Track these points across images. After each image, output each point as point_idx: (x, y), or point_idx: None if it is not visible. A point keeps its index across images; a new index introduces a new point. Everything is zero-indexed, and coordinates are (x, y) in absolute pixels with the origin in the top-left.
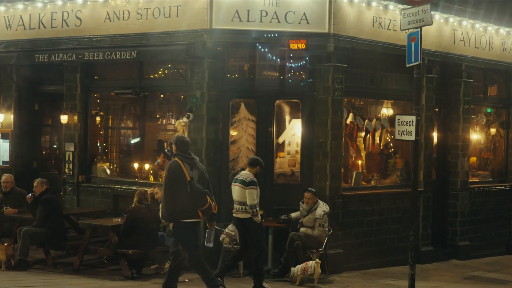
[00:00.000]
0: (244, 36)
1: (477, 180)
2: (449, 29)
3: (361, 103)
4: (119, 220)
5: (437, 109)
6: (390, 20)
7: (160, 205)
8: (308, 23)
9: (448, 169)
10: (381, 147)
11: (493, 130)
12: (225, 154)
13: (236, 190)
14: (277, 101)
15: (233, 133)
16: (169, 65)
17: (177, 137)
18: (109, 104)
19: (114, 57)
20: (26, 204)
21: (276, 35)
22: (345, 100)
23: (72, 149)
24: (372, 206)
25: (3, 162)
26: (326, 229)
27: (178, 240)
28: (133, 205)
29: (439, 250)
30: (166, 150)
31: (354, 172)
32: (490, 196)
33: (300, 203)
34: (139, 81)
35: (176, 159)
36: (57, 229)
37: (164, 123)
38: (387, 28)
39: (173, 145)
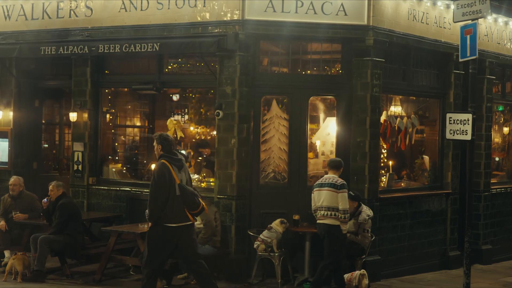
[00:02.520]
0: (278, 28)
1: (495, 181)
2: None
3: (394, 100)
4: (146, 226)
5: None
6: (423, 13)
7: (147, 208)
8: (346, 14)
9: (470, 170)
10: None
11: (506, 129)
12: (256, 154)
13: (324, 194)
14: (311, 98)
15: (264, 132)
16: (193, 59)
17: (160, 135)
18: (121, 101)
19: (134, 50)
20: (41, 209)
21: (312, 27)
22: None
23: (81, 149)
24: (405, 209)
25: (2, 163)
26: (369, 235)
27: (149, 241)
28: None
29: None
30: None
31: (387, 174)
32: (509, 197)
33: None
34: (158, 76)
35: (163, 161)
36: (76, 236)
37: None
38: (420, 21)
39: (155, 145)
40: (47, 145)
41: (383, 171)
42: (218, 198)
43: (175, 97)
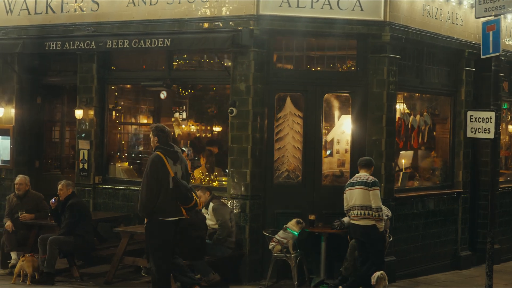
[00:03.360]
0: (293, 24)
1: (503, 180)
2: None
3: (407, 98)
4: None
5: None
6: (437, 8)
7: (139, 200)
8: (362, 10)
9: (479, 168)
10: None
11: (511, 127)
12: (270, 153)
13: (356, 193)
14: (326, 95)
15: (278, 130)
16: (204, 55)
17: (156, 126)
18: (125, 98)
19: (143, 46)
20: (49, 209)
21: (328, 23)
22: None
23: (87, 147)
24: (418, 209)
25: (3, 161)
26: (388, 235)
27: (149, 241)
28: None
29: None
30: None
31: (401, 173)
32: None
33: None
34: (168, 72)
35: (158, 152)
36: (86, 237)
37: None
38: (434, 17)
39: (152, 137)
40: (51, 143)
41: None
42: (232, 197)
43: (162, 95)
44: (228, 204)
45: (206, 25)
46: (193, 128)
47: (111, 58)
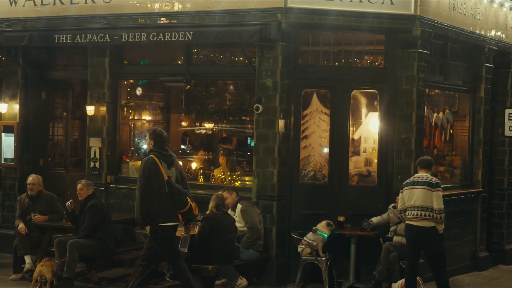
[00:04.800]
0: (322, 17)
1: None
2: (502, 13)
3: (431, 95)
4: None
5: None
6: (461, 2)
7: (135, 206)
8: (392, 3)
9: (493, 167)
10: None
11: None
12: (296, 151)
13: (418, 194)
14: (353, 92)
15: (304, 127)
16: (226, 49)
17: (153, 130)
18: (135, 94)
19: (163, 39)
20: (66, 212)
21: (357, 16)
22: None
23: (98, 145)
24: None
25: (6, 159)
26: None
27: (158, 247)
28: (208, 211)
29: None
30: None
31: None
32: None
33: (391, 207)
34: (187, 67)
35: (152, 156)
36: (107, 240)
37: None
38: (459, 12)
39: (148, 140)
40: (58, 140)
41: None
42: (257, 198)
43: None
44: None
45: (229, 18)
46: (208, 126)
47: (123, 52)
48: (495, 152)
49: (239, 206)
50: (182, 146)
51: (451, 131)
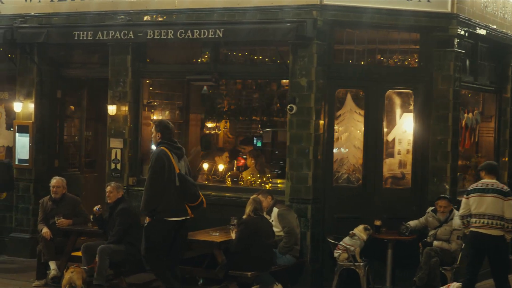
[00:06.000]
0: (357, 15)
1: None
2: None
3: (462, 95)
4: (217, 234)
5: None
6: (493, 1)
7: (142, 197)
8: (428, 1)
9: None
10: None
11: None
12: (329, 153)
13: (489, 201)
14: (387, 92)
15: (338, 128)
16: (256, 47)
17: (160, 122)
18: (153, 93)
19: (191, 36)
20: (94, 217)
21: (393, 14)
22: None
23: (120, 145)
24: None
25: (21, 160)
26: (461, 242)
27: (146, 238)
28: (245, 216)
29: None
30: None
31: (458, 174)
32: None
33: (430, 211)
34: (214, 65)
35: (163, 148)
36: (137, 245)
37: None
38: (490, 11)
39: (154, 132)
40: (70, 140)
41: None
42: (290, 201)
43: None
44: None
45: (260, 15)
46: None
47: (145, 49)
48: None
49: (275, 210)
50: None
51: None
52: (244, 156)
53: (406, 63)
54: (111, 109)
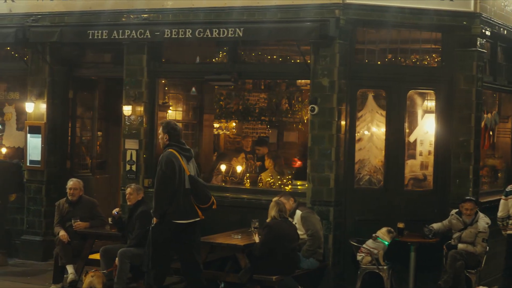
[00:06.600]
0: (380, 14)
1: None
2: None
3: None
4: (239, 237)
5: None
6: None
7: (153, 201)
8: (451, 0)
9: None
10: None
11: None
12: (351, 155)
13: None
14: (409, 92)
15: (359, 129)
16: (275, 47)
17: (167, 123)
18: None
19: (210, 35)
20: (113, 220)
21: (416, 13)
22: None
23: (135, 146)
24: (493, 215)
25: (32, 161)
26: (486, 244)
27: (151, 242)
28: (269, 219)
29: None
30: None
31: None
32: None
33: (454, 214)
34: (232, 65)
35: (171, 150)
36: None
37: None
38: (510, 9)
39: (161, 133)
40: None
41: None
42: (312, 204)
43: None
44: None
45: (281, 14)
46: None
47: (160, 49)
48: None
49: (298, 212)
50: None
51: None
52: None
53: (425, 63)
54: (127, 110)
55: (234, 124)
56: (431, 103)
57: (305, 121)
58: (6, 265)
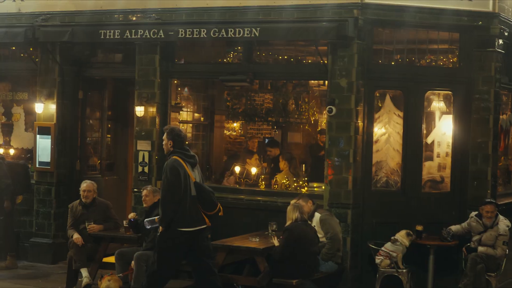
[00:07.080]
0: (398, 14)
1: None
2: None
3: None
4: (257, 239)
5: None
6: None
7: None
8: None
9: None
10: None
11: None
12: (368, 156)
13: None
14: (427, 93)
15: (377, 130)
16: (291, 47)
17: (171, 129)
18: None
19: (225, 35)
20: (129, 222)
21: (434, 13)
22: None
23: (148, 148)
24: (510, 217)
25: (41, 163)
26: (506, 247)
27: (158, 251)
28: (289, 222)
29: None
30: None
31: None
32: None
33: (473, 216)
34: (247, 65)
35: (175, 157)
36: None
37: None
38: None
39: (165, 139)
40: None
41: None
42: (329, 206)
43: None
44: None
45: (298, 14)
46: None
47: (173, 49)
48: None
49: (317, 215)
50: None
51: None
52: None
53: (443, 63)
54: (139, 110)
55: (235, 124)
56: (448, 104)
57: (312, 122)
58: (16, 268)
